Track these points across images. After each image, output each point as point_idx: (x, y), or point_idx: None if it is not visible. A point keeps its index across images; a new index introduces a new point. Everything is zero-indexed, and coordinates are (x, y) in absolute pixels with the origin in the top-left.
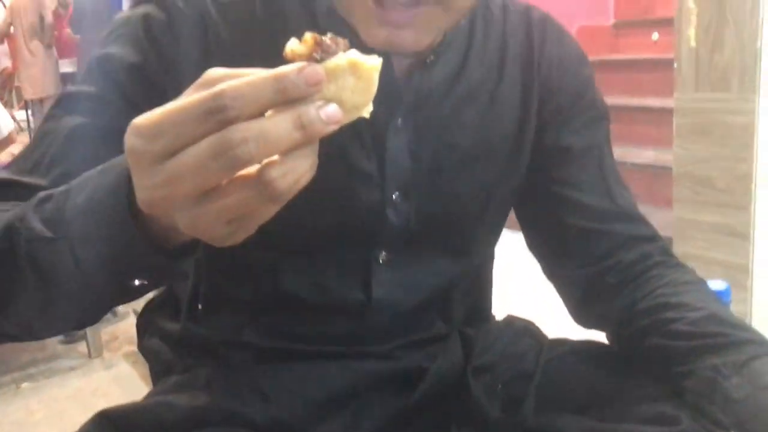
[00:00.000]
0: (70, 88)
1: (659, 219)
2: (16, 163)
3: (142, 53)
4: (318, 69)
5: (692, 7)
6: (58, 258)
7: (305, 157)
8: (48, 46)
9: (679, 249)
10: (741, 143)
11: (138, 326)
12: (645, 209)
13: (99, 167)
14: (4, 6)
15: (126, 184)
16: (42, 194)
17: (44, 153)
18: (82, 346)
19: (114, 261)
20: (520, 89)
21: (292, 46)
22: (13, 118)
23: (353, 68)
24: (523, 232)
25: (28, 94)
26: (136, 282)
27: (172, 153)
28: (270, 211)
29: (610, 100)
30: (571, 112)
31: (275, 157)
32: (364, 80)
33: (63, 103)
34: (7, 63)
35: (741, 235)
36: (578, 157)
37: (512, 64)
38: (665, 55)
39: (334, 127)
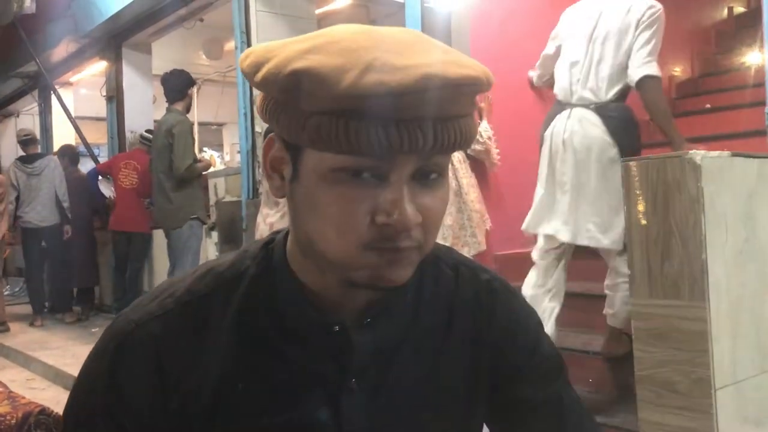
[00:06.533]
0: None
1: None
2: None
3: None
4: None
5: (642, 221)
6: None
7: None
8: None
9: None
10: (697, 349)
11: None
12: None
13: None
14: None
15: None
16: None
17: None
18: None
19: None
20: (470, 346)
21: None
22: None
23: None
24: None
25: None
26: None
27: None
28: None
29: (568, 286)
30: (526, 368)
31: None
32: None
33: None
34: None
35: None
36: (537, 409)
37: (460, 322)
38: None
39: None
